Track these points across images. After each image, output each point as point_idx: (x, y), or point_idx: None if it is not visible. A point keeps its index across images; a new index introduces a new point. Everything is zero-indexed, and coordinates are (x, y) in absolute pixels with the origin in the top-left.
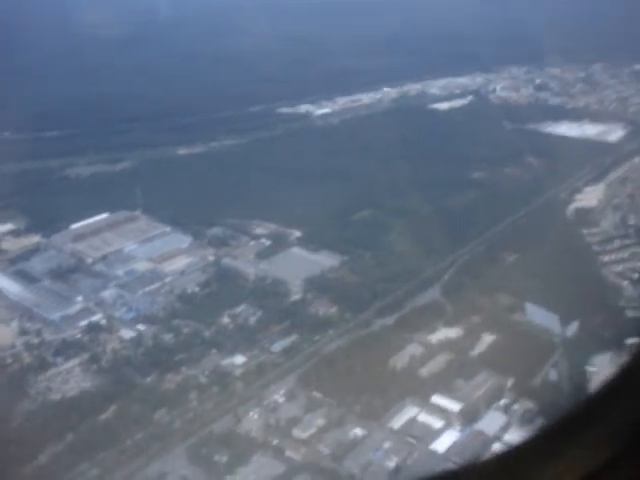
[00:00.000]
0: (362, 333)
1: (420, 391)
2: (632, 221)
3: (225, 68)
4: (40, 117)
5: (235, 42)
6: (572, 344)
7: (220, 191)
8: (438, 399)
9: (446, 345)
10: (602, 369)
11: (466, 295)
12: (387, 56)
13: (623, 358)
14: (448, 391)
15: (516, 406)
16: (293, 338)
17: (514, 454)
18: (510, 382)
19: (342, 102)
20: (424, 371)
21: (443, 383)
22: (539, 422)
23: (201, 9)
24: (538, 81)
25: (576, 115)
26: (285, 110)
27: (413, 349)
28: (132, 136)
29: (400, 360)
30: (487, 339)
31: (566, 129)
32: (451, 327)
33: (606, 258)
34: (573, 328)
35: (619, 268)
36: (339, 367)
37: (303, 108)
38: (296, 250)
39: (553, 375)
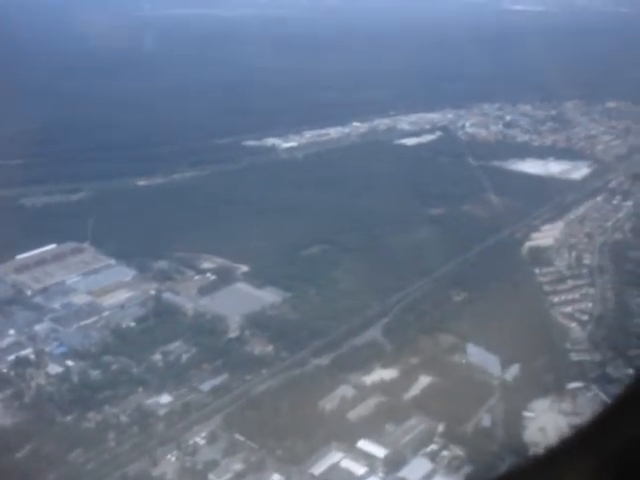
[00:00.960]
0: (295, 373)
1: (347, 435)
2: (587, 261)
3: (202, 99)
4: (6, 144)
5: (217, 73)
6: (511, 388)
7: (174, 223)
8: (364, 444)
9: (380, 387)
10: (540, 415)
11: (407, 335)
12: (363, 90)
13: (564, 403)
14: (376, 436)
15: (445, 453)
16: (224, 377)
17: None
18: (441, 427)
19: (309, 136)
20: (353, 414)
21: (372, 427)
22: (466, 470)
23: (189, 40)
24: (508, 118)
25: (542, 153)
26: (252, 143)
27: (344, 391)
28: (95, 165)
29: (330, 402)
30: (423, 381)
31: (530, 166)
32: (388, 368)
33: (556, 299)
34: (513, 371)
35: (568, 309)
36: (266, 409)
37: (270, 141)
38: (241, 285)
39: (486, 421)
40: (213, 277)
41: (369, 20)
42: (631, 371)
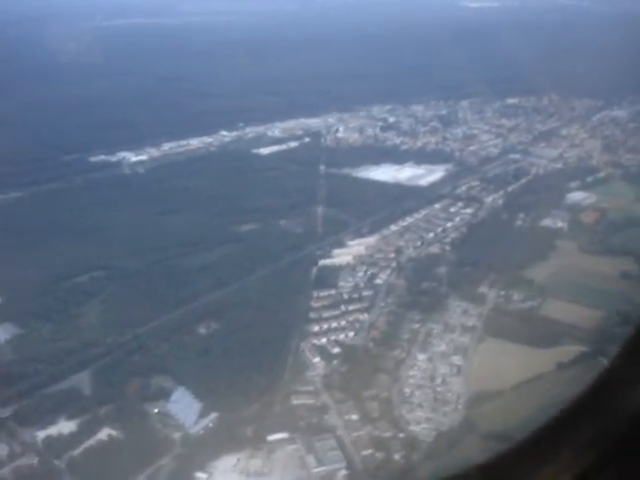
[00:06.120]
0: None
1: None
2: (380, 280)
3: (77, 112)
4: None
5: (113, 84)
6: (196, 443)
7: None
8: None
9: (46, 444)
10: (216, 476)
11: (118, 378)
12: (255, 97)
13: (254, 460)
14: None
15: None
16: None
17: (505, 459)
18: None
19: (167, 148)
20: None
21: None
22: None
23: (111, 51)
24: (391, 120)
25: (407, 156)
26: (100, 158)
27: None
28: None
29: None
30: (101, 436)
31: (382, 173)
32: (72, 420)
33: (316, 328)
34: (209, 421)
35: (323, 340)
36: None
37: (120, 156)
38: None
39: None
40: None
41: (313, 22)
42: (355, 417)
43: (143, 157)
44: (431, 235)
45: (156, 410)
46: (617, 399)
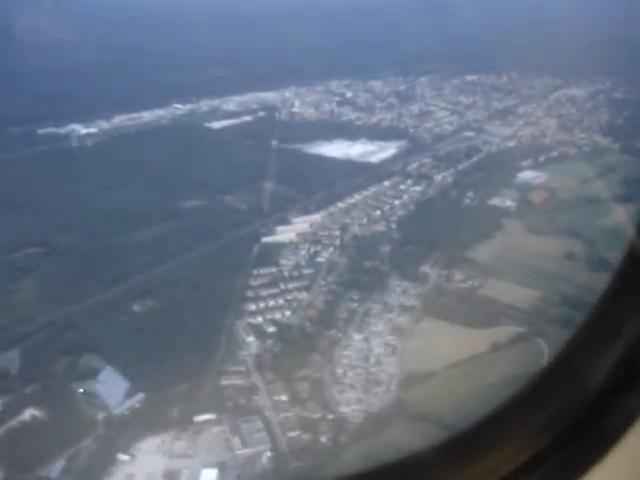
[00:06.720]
0: None
1: None
2: (322, 259)
3: (22, 84)
4: None
5: (69, 56)
6: (119, 424)
7: None
8: None
9: None
10: (139, 458)
11: (46, 357)
12: (216, 68)
13: (179, 441)
14: None
15: None
16: None
17: (460, 441)
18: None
19: (118, 120)
20: None
21: None
22: None
23: (66, 23)
24: (349, 95)
25: (361, 132)
26: (49, 130)
27: None
28: None
29: None
30: (24, 417)
31: (334, 149)
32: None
33: (253, 307)
34: (134, 402)
35: (259, 319)
36: None
37: (70, 128)
38: None
39: (56, 469)
40: None
41: None
42: (285, 398)
43: (93, 130)
44: (378, 213)
45: (82, 390)
46: (574, 382)
